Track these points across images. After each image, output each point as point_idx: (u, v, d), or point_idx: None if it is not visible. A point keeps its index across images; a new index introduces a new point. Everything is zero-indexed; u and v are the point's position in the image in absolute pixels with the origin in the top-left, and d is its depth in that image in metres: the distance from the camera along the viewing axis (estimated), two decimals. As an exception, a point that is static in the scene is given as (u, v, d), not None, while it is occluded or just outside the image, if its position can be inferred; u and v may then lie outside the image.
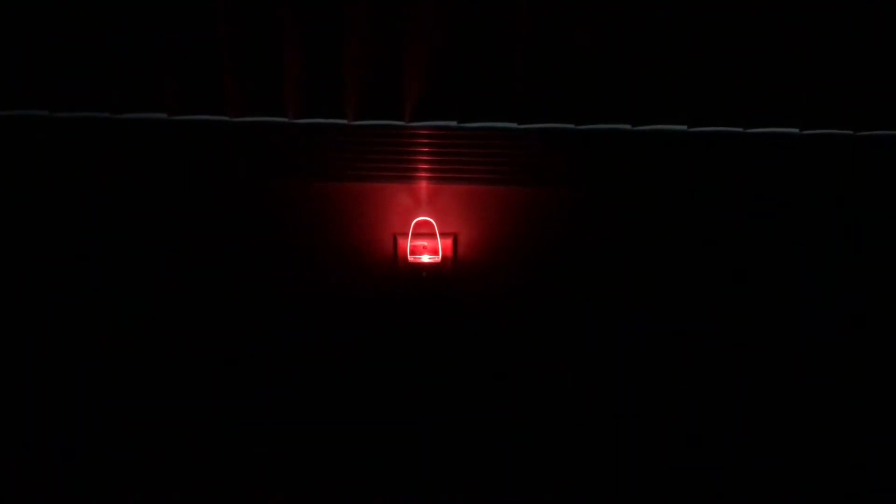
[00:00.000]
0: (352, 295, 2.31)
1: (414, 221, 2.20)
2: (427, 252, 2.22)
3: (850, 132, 2.05)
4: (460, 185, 2.18)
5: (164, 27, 1.95)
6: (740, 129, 2.05)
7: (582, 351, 2.38)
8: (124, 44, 1.98)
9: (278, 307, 2.34)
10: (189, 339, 2.36)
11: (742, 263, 2.26)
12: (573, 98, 2.02)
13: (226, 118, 2.06)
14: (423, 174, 2.16)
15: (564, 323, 2.35)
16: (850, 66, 1.96)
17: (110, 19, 1.95)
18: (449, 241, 2.23)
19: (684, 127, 2.05)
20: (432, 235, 2.21)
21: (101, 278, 2.30)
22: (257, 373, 2.41)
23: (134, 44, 1.98)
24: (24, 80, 2.03)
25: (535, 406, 2.44)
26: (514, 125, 2.06)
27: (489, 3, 1.93)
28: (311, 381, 2.42)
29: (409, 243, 2.21)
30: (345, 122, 2.06)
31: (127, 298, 2.32)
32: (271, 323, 2.35)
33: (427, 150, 2.10)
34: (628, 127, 2.06)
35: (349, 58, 1.97)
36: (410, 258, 2.22)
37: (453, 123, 2.06)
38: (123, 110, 2.05)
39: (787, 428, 2.41)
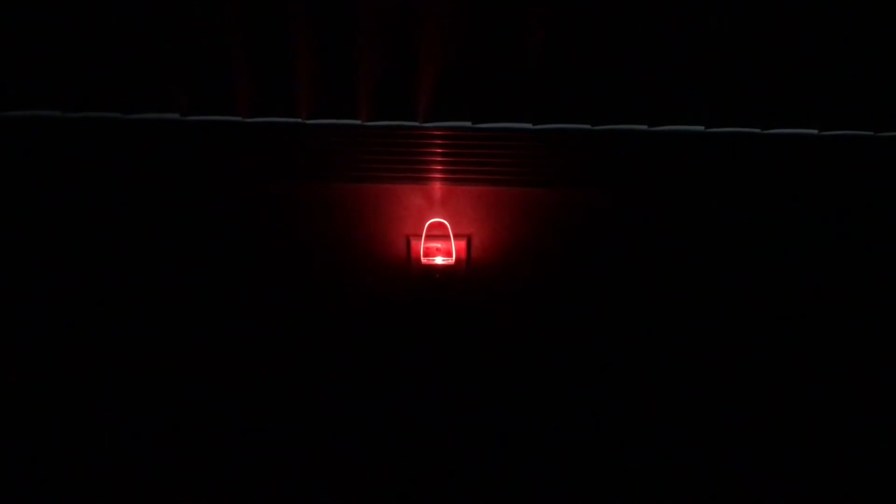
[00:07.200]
0: (364, 296, 2.29)
1: (427, 223, 2.17)
2: (440, 254, 2.20)
3: (871, 133, 2.03)
4: (474, 186, 2.15)
5: (176, 26, 1.94)
6: (758, 130, 2.03)
7: (597, 354, 2.35)
8: (136, 43, 1.96)
9: (290, 308, 2.32)
10: (200, 339, 2.35)
11: (764, 264, 2.23)
12: (589, 98, 2.00)
13: (238, 118, 2.05)
14: (437, 175, 2.14)
15: (580, 325, 2.32)
16: (871, 65, 1.94)
17: (122, 19, 1.93)
18: (463, 243, 2.21)
19: (702, 127, 2.03)
20: (446, 237, 2.19)
21: (113, 278, 2.28)
22: (267, 375, 2.39)
23: (146, 43, 1.96)
24: (36, 81, 2.01)
25: (549, 408, 2.42)
26: (529, 125, 2.04)
27: (504, 2, 1.91)
28: (323, 383, 2.40)
29: (422, 245, 2.19)
30: (358, 122, 2.04)
31: (138, 299, 2.31)
32: (283, 324, 2.33)
33: (441, 150, 2.08)
34: (645, 127, 2.04)
35: (362, 57, 1.95)
36: (424, 260, 2.20)
37: (468, 124, 2.04)
38: (135, 110, 2.04)
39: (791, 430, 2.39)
